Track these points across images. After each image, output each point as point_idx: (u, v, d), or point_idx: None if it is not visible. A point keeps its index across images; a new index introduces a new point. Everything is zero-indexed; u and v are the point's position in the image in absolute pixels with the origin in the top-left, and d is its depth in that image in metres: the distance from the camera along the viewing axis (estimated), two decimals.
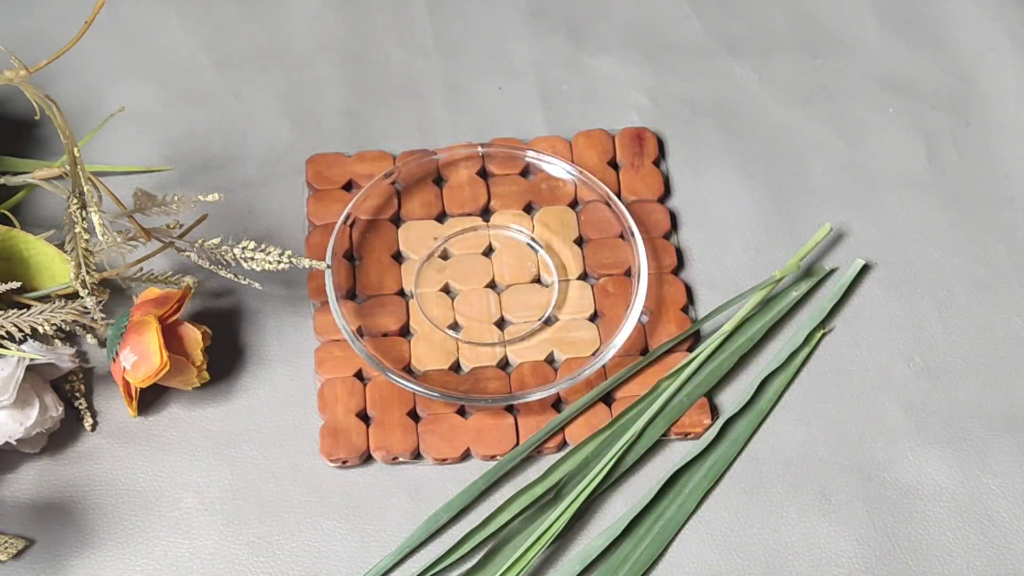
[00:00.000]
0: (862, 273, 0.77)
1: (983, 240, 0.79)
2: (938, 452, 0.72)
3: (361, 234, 0.77)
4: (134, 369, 0.68)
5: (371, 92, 0.83)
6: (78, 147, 0.65)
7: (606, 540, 0.68)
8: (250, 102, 0.83)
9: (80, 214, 0.66)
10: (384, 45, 0.85)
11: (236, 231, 0.77)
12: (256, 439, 0.72)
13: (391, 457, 0.71)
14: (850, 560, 0.69)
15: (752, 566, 0.68)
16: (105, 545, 0.69)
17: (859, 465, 0.71)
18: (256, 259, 0.69)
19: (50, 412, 0.69)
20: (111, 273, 0.72)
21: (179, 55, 0.84)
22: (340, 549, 0.69)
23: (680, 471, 0.70)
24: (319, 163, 0.79)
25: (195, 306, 0.75)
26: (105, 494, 0.70)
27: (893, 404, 0.73)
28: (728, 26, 0.87)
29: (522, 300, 0.75)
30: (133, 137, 0.81)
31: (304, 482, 0.71)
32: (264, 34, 0.85)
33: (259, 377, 0.74)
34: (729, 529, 0.70)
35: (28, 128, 0.80)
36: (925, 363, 0.74)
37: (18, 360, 0.68)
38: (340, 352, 0.73)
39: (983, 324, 0.76)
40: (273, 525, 0.69)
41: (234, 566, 0.68)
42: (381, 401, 0.72)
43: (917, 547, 0.69)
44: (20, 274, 0.72)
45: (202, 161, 0.80)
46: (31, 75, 0.61)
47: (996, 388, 0.74)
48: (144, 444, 0.72)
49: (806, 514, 0.70)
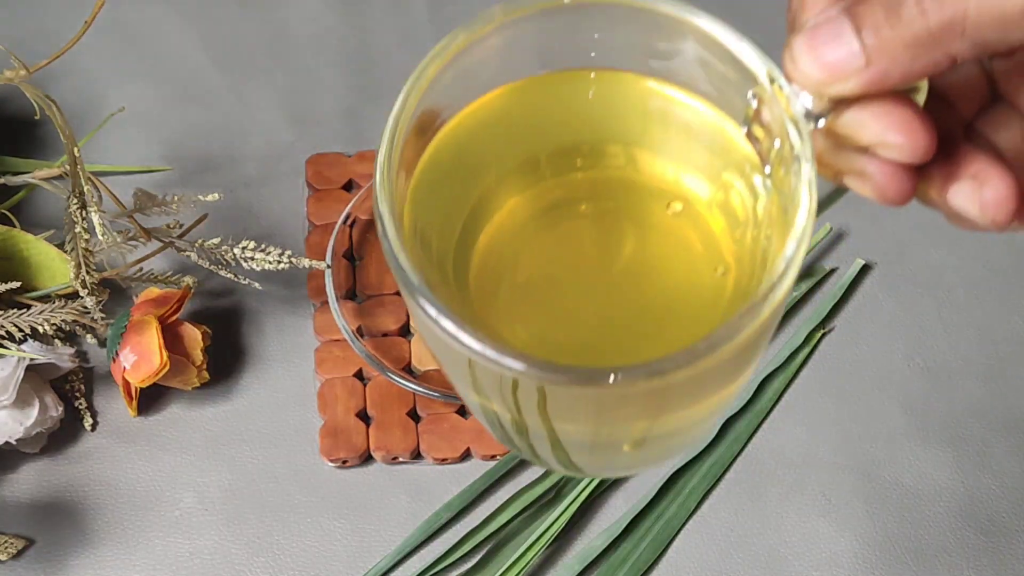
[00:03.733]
0: (862, 273, 0.77)
1: (983, 240, 0.79)
2: (938, 452, 0.72)
3: (361, 234, 0.77)
4: (134, 369, 0.68)
5: (371, 92, 0.83)
6: (78, 147, 0.65)
7: (606, 540, 0.68)
8: (250, 102, 0.83)
9: (80, 214, 0.66)
10: (384, 45, 0.85)
11: (236, 231, 0.77)
12: (256, 439, 0.72)
13: (391, 457, 0.71)
14: (850, 560, 0.69)
15: (752, 566, 0.68)
16: (105, 545, 0.69)
17: (859, 465, 0.71)
18: (256, 259, 0.69)
19: (50, 412, 0.69)
20: (111, 273, 0.72)
21: (179, 55, 0.84)
22: (340, 549, 0.69)
23: (680, 471, 0.70)
24: (319, 163, 0.79)
25: (195, 306, 0.75)
26: (105, 494, 0.70)
27: (893, 404, 0.73)
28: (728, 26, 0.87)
29: None
30: (133, 137, 0.81)
31: (304, 482, 0.71)
32: (264, 34, 0.85)
33: (259, 377, 0.74)
34: (729, 529, 0.70)
35: (28, 128, 0.80)
36: (925, 363, 0.74)
37: (18, 360, 0.68)
38: (340, 352, 0.73)
39: (983, 324, 0.76)
40: (273, 525, 0.69)
41: (234, 566, 0.68)
42: (381, 401, 0.72)
43: (917, 547, 0.69)
44: (20, 274, 0.72)
45: (202, 161, 0.80)
46: (31, 75, 0.61)
47: (996, 388, 0.74)
48: (144, 444, 0.72)
49: (806, 514, 0.70)
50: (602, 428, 0.41)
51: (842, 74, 0.36)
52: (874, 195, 0.38)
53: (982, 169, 0.37)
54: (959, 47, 0.35)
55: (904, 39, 0.35)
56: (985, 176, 0.37)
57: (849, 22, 0.36)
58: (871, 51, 0.35)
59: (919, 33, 0.35)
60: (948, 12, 0.34)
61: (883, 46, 0.35)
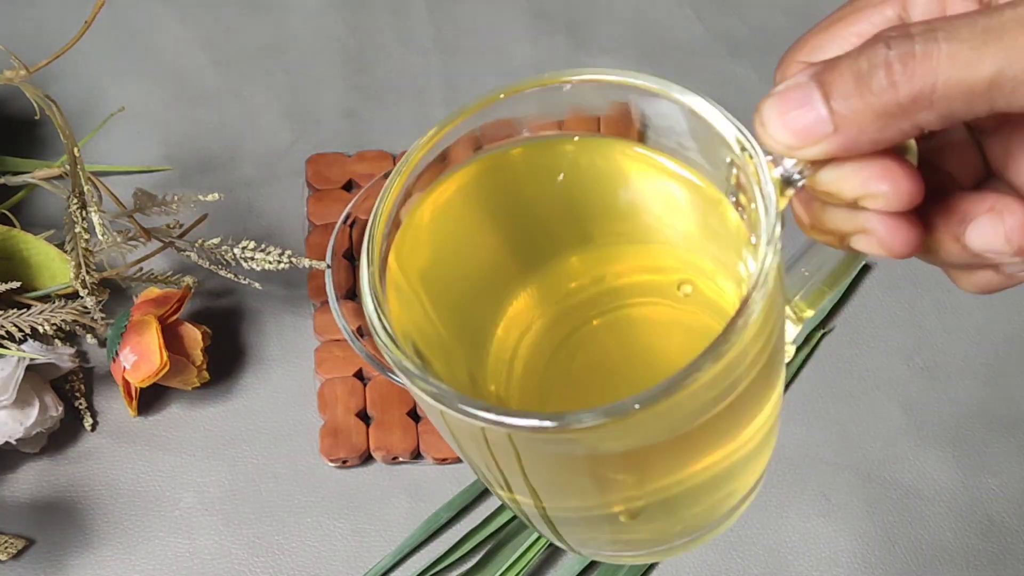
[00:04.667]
0: (862, 273, 0.77)
1: None
2: (938, 452, 0.72)
3: (361, 234, 0.77)
4: (134, 369, 0.68)
5: (371, 92, 0.83)
6: (78, 147, 0.65)
7: None
8: (250, 102, 0.83)
9: (80, 214, 0.66)
10: (384, 45, 0.85)
11: (236, 231, 0.77)
12: (256, 439, 0.72)
13: (391, 457, 0.71)
14: (850, 560, 0.69)
15: (752, 566, 0.68)
16: (105, 545, 0.69)
17: (859, 465, 0.71)
18: (256, 259, 0.69)
19: (50, 412, 0.69)
20: (111, 273, 0.72)
21: (179, 55, 0.84)
22: (340, 549, 0.69)
23: None
24: (319, 163, 0.79)
25: (195, 306, 0.75)
26: (105, 494, 0.70)
27: (893, 404, 0.73)
28: (728, 26, 0.87)
29: None
30: (133, 137, 0.81)
31: (304, 482, 0.71)
32: (264, 34, 0.85)
33: (259, 377, 0.74)
34: (729, 529, 0.70)
35: (28, 128, 0.80)
36: (925, 363, 0.74)
37: (18, 360, 0.68)
38: (340, 352, 0.73)
39: (983, 324, 0.76)
40: (273, 525, 0.69)
41: (234, 566, 0.68)
42: (381, 401, 0.72)
43: (917, 547, 0.69)
44: (20, 274, 0.72)
45: (202, 161, 0.80)
46: (31, 75, 0.61)
47: (996, 388, 0.74)
48: (144, 444, 0.72)
49: (806, 514, 0.70)
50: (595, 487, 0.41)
51: (811, 139, 0.36)
52: (882, 250, 0.37)
53: (998, 200, 0.37)
54: (926, 118, 0.35)
55: (873, 109, 0.35)
56: (1003, 206, 0.37)
57: (818, 89, 0.36)
58: (839, 119, 0.35)
59: (888, 104, 0.35)
60: (918, 85, 0.34)
61: (852, 115, 0.35)
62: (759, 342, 0.37)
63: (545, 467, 0.40)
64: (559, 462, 0.39)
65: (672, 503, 0.43)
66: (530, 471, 0.39)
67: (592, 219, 0.43)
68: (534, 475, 0.40)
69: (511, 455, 0.38)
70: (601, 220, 0.43)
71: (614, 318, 0.43)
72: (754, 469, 0.45)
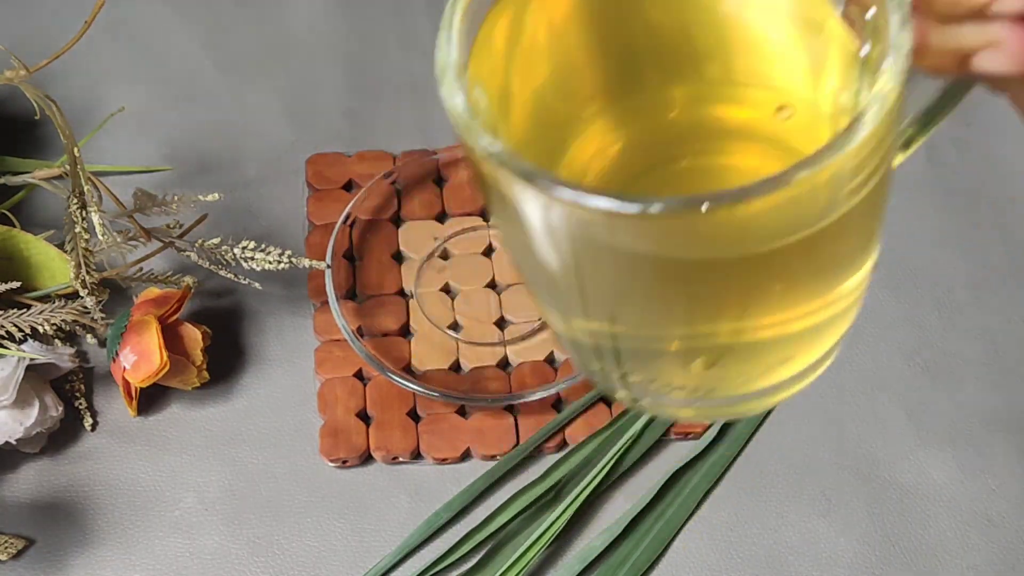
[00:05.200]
0: None
1: (983, 240, 0.79)
2: (938, 452, 0.72)
3: (361, 234, 0.77)
4: (134, 369, 0.68)
5: (371, 92, 0.83)
6: (78, 147, 0.65)
7: (606, 540, 0.68)
8: (250, 102, 0.83)
9: (80, 214, 0.66)
10: (384, 45, 0.85)
11: (236, 231, 0.77)
12: (256, 439, 0.72)
13: (391, 457, 0.71)
14: (850, 560, 0.69)
15: (752, 566, 0.68)
16: (105, 545, 0.69)
17: (859, 465, 0.71)
18: (256, 259, 0.69)
19: (50, 412, 0.69)
20: (111, 273, 0.72)
21: (179, 55, 0.84)
22: (340, 549, 0.69)
23: (680, 471, 0.70)
24: (319, 163, 0.79)
25: (195, 306, 0.75)
26: (105, 494, 0.70)
27: (893, 404, 0.73)
28: None
29: (522, 300, 0.75)
30: (133, 137, 0.81)
31: (304, 482, 0.71)
32: (264, 34, 0.85)
33: (259, 377, 0.74)
34: (729, 529, 0.70)
35: (28, 128, 0.80)
36: (925, 363, 0.74)
37: (18, 360, 0.68)
38: (340, 352, 0.73)
39: (983, 324, 0.76)
40: (273, 525, 0.69)
41: (234, 566, 0.68)
42: (381, 401, 0.72)
43: (917, 547, 0.69)
44: (20, 274, 0.72)
45: (202, 161, 0.80)
46: (31, 75, 0.61)
47: (996, 388, 0.74)
48: (144, 444, 0.72)
49: (806, 514, 0.70)
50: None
51: None
52: (1011, 63, 0.33)
53: None
54: None
55: None
56: None
57: None
58: None
59: None
60: None
61: None
62: (866, 168, 0.33)
63: (627, 277, 0.36)
64: (642, 268, 0.35)
65: (745, 349, 0.39)
66: (608, 282, 0.36)
67: (700, 55, 0.40)
68: (613, 286, 0.36)
69: (593, 261, 0.35)
70: (712, 55, 0.40)
71: (706, 162, 0.40)
72: (832, 332, 0.41)
